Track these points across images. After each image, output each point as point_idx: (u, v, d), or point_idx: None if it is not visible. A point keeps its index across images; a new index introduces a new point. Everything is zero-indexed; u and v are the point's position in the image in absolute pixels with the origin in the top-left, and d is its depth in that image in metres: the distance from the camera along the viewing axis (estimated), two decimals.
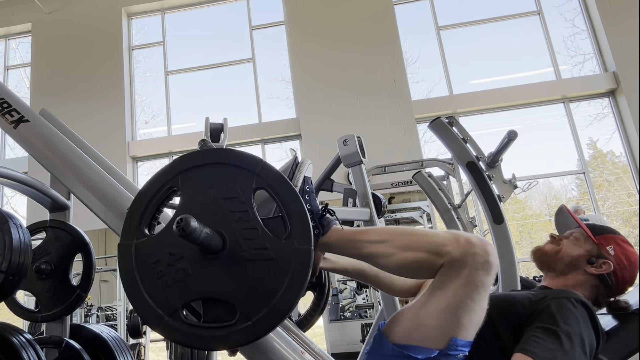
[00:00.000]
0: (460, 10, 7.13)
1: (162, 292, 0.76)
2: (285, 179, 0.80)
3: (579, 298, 1.05)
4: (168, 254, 0.78)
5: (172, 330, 0.75)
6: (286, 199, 0.78)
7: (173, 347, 2.45)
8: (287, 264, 0.75)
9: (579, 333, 0.97)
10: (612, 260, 1.18)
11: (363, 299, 5.38)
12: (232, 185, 0.79)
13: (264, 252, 0.76)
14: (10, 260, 1.07)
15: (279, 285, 0.75)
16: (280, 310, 0.74)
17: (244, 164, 0.80)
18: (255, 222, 0.78)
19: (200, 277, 0.77)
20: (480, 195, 2.15)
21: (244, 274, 0.76)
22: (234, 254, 0.77)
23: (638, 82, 5.90)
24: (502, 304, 1.11)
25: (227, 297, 0.76)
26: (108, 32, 7.25)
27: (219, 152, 0.82)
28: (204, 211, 0.78)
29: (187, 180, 0.81)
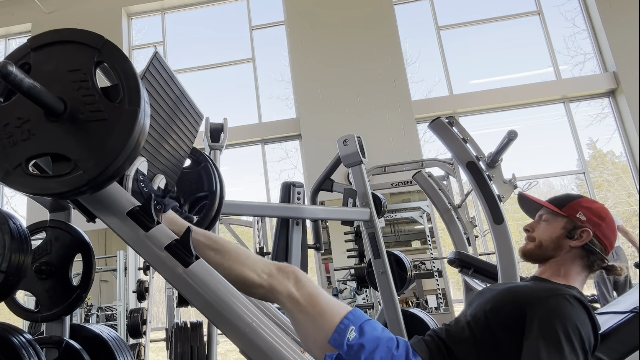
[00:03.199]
0: (460, 10, 7.12)
1: (9, 149, 0.90)
2: (122, 53, 0.92)
3: (574, 295, 1.05)
4: (17, 118, 0.91)
5: (15, 181, 0.88)
6: (122, 70, 0.91)
7: (173, 347, 2.45)
8: (117, 122, 0.89)
9: (578, 333, 0.98)
10: (587, 225, 1.18)
11: (363, 299, 5.38)
12: (76, 60, 0.92)
13: (98, 114, 0.90)
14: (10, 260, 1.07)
15: (108, 139, 0.88)
16: (107, 159, 0.87)
17: (88, 41, 0.92)
18: (93, 90, 0.91)
19: (43, 136, 0.90)
20: (480, 195, 2.15)
21: (81, 133, 0.90)
22: (74, 117, 0.90)
23: (638, 82, 5.90)
24: (497, 304, 1.11)
25: (63, 151, 0.89)
26: (108, 32, 7.25)
27: (66, 31, 0.94)
28: (50, 81, 0.91)
29: (39, 57, 0.93)
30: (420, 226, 6.02)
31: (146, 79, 1.17)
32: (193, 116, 1.51)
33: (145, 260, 1.01)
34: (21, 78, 0.79)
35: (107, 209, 1.02)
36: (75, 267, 1.57)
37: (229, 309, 0.96)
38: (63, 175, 0.88)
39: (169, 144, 1.36)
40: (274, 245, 2.19)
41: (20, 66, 0.93)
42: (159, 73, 1.24)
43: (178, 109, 1.39)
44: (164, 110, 1.29)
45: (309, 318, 1.04)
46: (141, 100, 0.91)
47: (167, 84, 1.30)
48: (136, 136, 0.90)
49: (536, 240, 1.24)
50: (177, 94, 1.37)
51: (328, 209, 2.90)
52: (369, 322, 1.07)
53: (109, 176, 0.91)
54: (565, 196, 1.27)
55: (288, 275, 1.09)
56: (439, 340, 1.14)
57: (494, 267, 2.72)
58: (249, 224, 5.43)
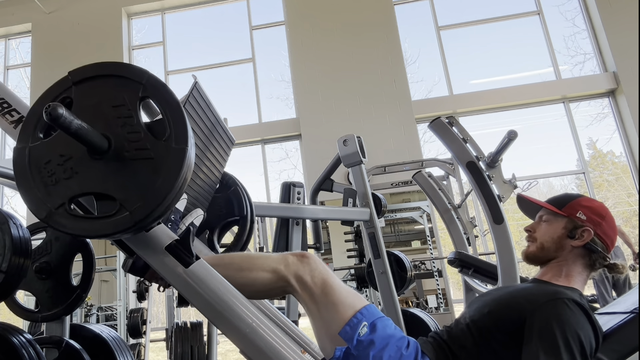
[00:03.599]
0: (460, 10, 7.12)
1: (52, 188, 0.86)
2: (168, 88, 0.89)
3: (574, 298, 1.05)
4: (59, 155, 0.87)
5: (58, 222, 0.84)
6: (168, 105, 0.88)
7: (173, 347, 2.46)
8: (164, 161, 0.85)
9: (578, 339, 0.97)
10: (588, 224, 1.18)
11: None
12: (120, 95, 0.89)
13: (144, 152, 0.86)
14: (10, 260, 1.07)
15: (155, 179, 0.84)
16: (155, 201, 0.83)
17: (131, 75, 0.89)
18: (139, 127, 0.87)
19: (86, 175, 0.86)
20: (480, 195, 2.15)
21: (126, 172, 0.86)
22: (119, 154, 0.87)
23: (638, 82, 5.90)
24: (497, 308, 1.11)
25: (109, 191, 0.85)
26: (108, 32, 7.25)
27: (109, 65, 0.91)
28: (93, 117, 0.87)
29: (80, 91, 0.90)
30: (420, 226, 6.01)
31: (186, 109, 1.13)
32: (226, 141, 1.48)
33: (145, 260, 1.01)
34: (70, 120, 0.76)
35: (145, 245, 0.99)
36: (75, 267, 1.57)
37: (229, 309, 0.96)
38: (108, 217, 0.84)
39: (203, 172, 1.33)
40: (274, 245, 2.19)
41: (61, 100, 0.90)
42: (197, 102, 1.21)
43: (213, 136, 1.36)
44: (201, 139, 1.26)
45: (322, 307, 1.03)
46: (189, 138, 0.86)
47: (204, 113, 1.26)
48: (184, 176, 0.86)
49: (537, 242, 1.23)
50: (212, 121, 1.33)
51: (328, 209, 2.90)
52: (382, 319, 1.07)
53: (156, 217, 0.87)
54: (565, 196, 1.27)
55: (303, 262, 1.08)
56: (442, 342, 1.14)
57: (494, 267, 2.72)
58: None
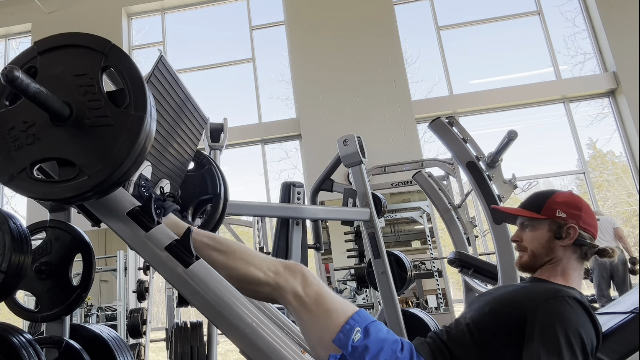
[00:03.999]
0: (460, 10, 7.12)
1: (14, 153, 0.89)
2: (129, 59, 0.92)
3: (574, 296, 1.05)
4: (22, 122, 0.90)
5: (19, 185, 0.88)
6: (128, 75, 0.90)
7: (173, 347, 2.45)
8: (122, 128, 0.88)
9: (579, 336, 0.97)
10: (570, 221, 1.18)
11: (363, 299, 5.38)
12: (82, 64, 0.91)
13: (104, 119, 0.89)
14: (10, 260, 1.07)
15: (114, 145, 0.87)
16: (113, 165, 0.87)
17: (95, 46, 0.92)
18: (100, 95, 0.90)
19: (48, 141, 0.89)
20: (480, 195, 2.16)
21: (86, 138, 0.89)
22: (80, 121, 0.89)
23: (638, 82, 5.90)
24: (497, 307, 1.11)
25: (69, 156, 0.88)
26: (108, 32, 7.25)
27: (73, 35, 0.93)
28: (56, 85, 0.90)
29: (45, 60, 0.92)
30: (420, 226, 6.01)
31: (151, 82, 1.16)
32: (197, 119, 1.50)
33: (145, 260, 1.01)
34: (27, 83, 0.78)
35: (108, 211, 1.02)
36: (75, 267, 1.57)
37: (229, 309, 0.96)
38: (68, 181, 0.87)
39: (174, 148, 1.35)
40: (274, 245, 2.19)
41: (27, 69, 0.92)
42: (164, 76, 1.23)
43: (183, 112, 1.38)
44: (169, 113, 1.29)
45: (315, 317, 1.04)
46: (147, 106, 0.90)
47: (172, 88, 1.29)
48: (142, 142, 0.89)
49: (528, 250, 1.23)
50: (181, 97, 1.36)
51: (328, 209, 2.90)
52: (375, 323, 1.07)
53: (115, 182, 0.90)
54: (537, 197, 1.26)
55: (295, 273, 1.08)
56: (441, 342, 1.14)
57: (494, 267, 2.72)
58: (249, 224, 5.43)
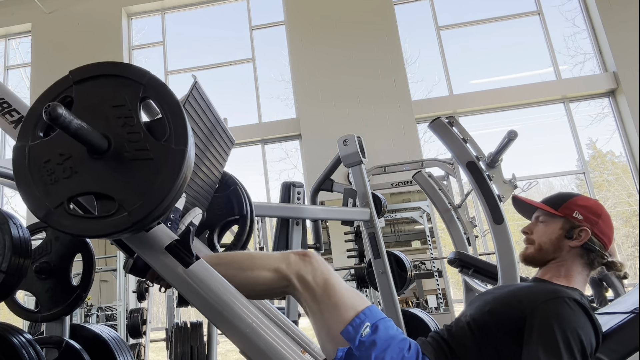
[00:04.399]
0: (460, 10, 7.12)
1: (51, 187, 0.86)
2: (168, 89, 0.89)
3: (574, 297, 1.05)
4: (58, 154, 0.87)
5: (56, 221, 0.84)
6: (168, 106, 0.88)
7: (173, 347, 2.45)
8: (163, 162, 0.85)
9: (578, 338, 0.97)
10: (585, 224, 1.17)
11: None
12: (120, 95, 0.89)
13: (144, 153, 0.86)
14: (10, 260, 1.07)
15: (154, 180, 0.84)
16: (154, 202, 0.84)
17: (132, 76, 0.89)
18: (139, 127, 0.87)
19: (85, 175, 0.86)
20: (480, 195, 2.16)
21: (125, 172, 0.86)
22: (118, 155, 0.87)
23: (638, 82, 5.90)
24: (497, 306, 1.11)
25: (108, 191, 0.85)
26: (108, 32, 7.25)
27: (110, 64, 0.91)
28: (93, 117, 0.87)
29: (81, 90, 0.90)
30: (420, 226, 6.01)
31: (186, 108, 1.13)
32: (225, 141, 1.47)
33: (145, 260, 1.01)
34: (70, 120, 0.76)
35: (144, 244, 0.99)
36: (75, 267, 1.57)
37: (229, 309, 0.96)
38: (106, 217, 0.84)
39: (203, 172, 1.32)
40: (274, 245, 2.19)
41: (62, 99, 0.90)
42: (196, 102, 1.21)
43: (213, 136, 1.35)
44: (200, 139, 1.26)
45: (324, 307, 1.03)
46: (189, 139, 0.86)
47: (204, 112, 1.26)
48: (183, 177, 0.86)
49: (535, 244, 1.23)
50: (212, 121, 1.33)
51: (328, 209, 2.90)
52: (385, 320, 1.07)
53: (155, 217, 0.87)
54: (560, 195, 1.26)
55: (305, 261, 1.08)
56: (442, 342, 1.14)
57: (494, 267, 2.72)
58: None
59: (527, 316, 1.02)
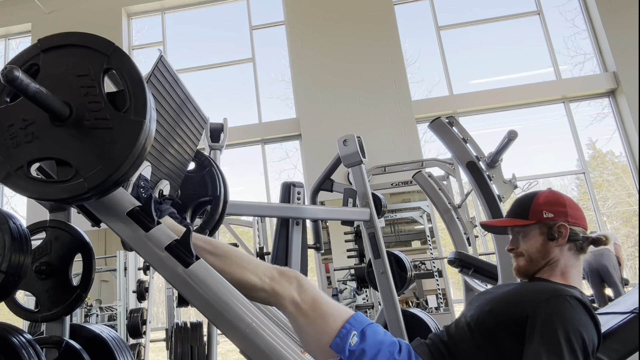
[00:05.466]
0: (460, 10, 7.12)
1: (13, 150, 0.88)
2: (132, 62, 0.91)
3: (575, 295, 1.05)
4: (22, 119, 0.89)
5: (15, 183, 0.87)
6: (130, 78, 0.90)
7: (173, 347, 2.45)
8: (121, 132, 0.88)
9: (580, 336, 0.97)
10: (559, 220, 1.18)
11: (363, 299, 5.38)
12: (85, 65, 0.91)
13: (104, 122, 0.89)
14: (10, 260, 1.07)
15: (111, 149, 0.87)
16: (109, 169, 0.86)
17: (98, 47, 0.92)
18: (100, 97, 0.89)
19: (46, 140, 0.89)
20: (480, 195, 2.16)
21: (84, 140, 0.88)
22: (79, 123, 0.89)
23: (638, 82, 5.90)
24: (498, 306, 1.11)
25: (66, 157, 0.87)
26: (108, 32, 7.24)
27: (77, 34, 0.93)
28: (57, 85, 0.89)
29: (48, 59, 0.92)
30: (420, 226, 6.01)
31: (151, 82, 1.16)
32: (197, 119, 1.50)
33: (145, 260, 1.01)
34: (27, 83, 0.78)
35: (107, 211, 1.02)
36: (75, 267, 1.57)
37: (229, 309, 0.96)
38: (64, 182, 0.87)
39: (173, 148, 1.35)
40: (274, 245, 2.19)
41: (29, 66, 0.92)
42: (164, 77, 1.23)
43: (183, 112, 1.38)
44: (169, 114, 1.28)
45: (311, 322, 1.04)
46: (147, 111, 0.89)
47: (172, 88, 1.28)
48: (140, 146, 0.89)
49: (525, 255, 1.22)
50: (181, 97, 1.35)
51: (328, 209, 2.90)
52: (371, 326, 1.07)
53: (112, 184, 0.90)
54: (521, 203, 1.26)
55: (290, 279, 1.09)
56: (441, 343, 1.14)
57: (494, 267, 2.72)
58: (249, 224, 5.42)
59: (529, 315, 1.02)
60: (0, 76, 0.76)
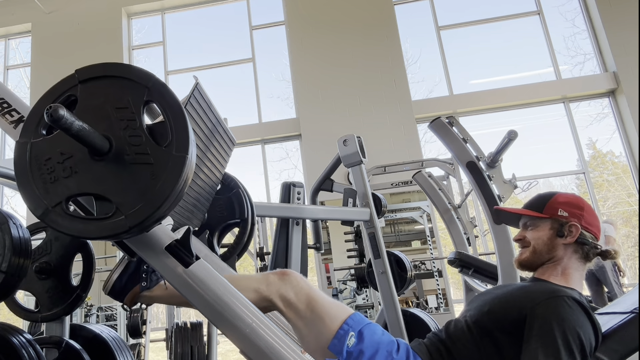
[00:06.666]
0: (460, 10, 7.12)
1: (50, 186, 0.86)
2: (172, 94, 0.89)
3: (573, 296, 1.05)
4: (59, 153, 0.87)
5: (54, 220, 0.84)
6: (171, 111, 0.87)
7: (173, 347, 2.45)
8: (163, 168, 0.85)
9: (577, 337, 0.97)
10: (572, 220, 1.18)
11: (363, 299, 5.38)
12: (124, 97, 0.88)
13: (145, 157, 0.86)
14: (10, 260, 1.07)
15: (153, 185, 0.84)
16: (151, 207, 0.83)
17: (137, 78, 0.88)
18: (141, 131, 0.87)
19: (85, 175, 0.86)
20: (480, 195, 2.16)
21: (125, 175, 0.86)
22: (119, 157, 0.86)
23: (638, 82, 5.90)
24: (496, 306, 1.11)
25: (106, 193, 0.85)
26: (108, 32, 7.25)
27: (116, 66, 0.90)
28: (96, 118, 0.87)
29: (86, 90, 0.89)
30: (420, 226, 6.01)
31: (187, 110, 1.14)
32: (227, 142, 1.47)
33: (145, 260, 1.01)
34: (71, 122, 0.76)
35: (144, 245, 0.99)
36: (75, 267, 1.57)
37: (229, 309, 0.96)
38: (103, 219, 0.84)
39: (204, 173, 1.32)
40: (274, 245, 2.19)
41: (66, 98, 0.90)
42: (198, 103, 1.20)
43: (214, 136, 1.35)
44: (201, 140, 1.26)
45: (308, 323, 1.05)
46: (190, 147, 0.86)
47: (205, 114, 1.26)
48: (182, 183, 0.85)
49: (530, 246, 1.23)
50: (213, 122, 1.32)
51: (328, 209, 2.90)
52: (369, 325, 1.07)
53: (152, 223, 0.87)
54: (540, 197, 1.27)
55: (284, 280, 1.09)
56: (439, 343, 1.14)
57: (494, 267, 2.72)
58: None
59: (527, 315, 1.02)
60: (45, 116, 0.74)
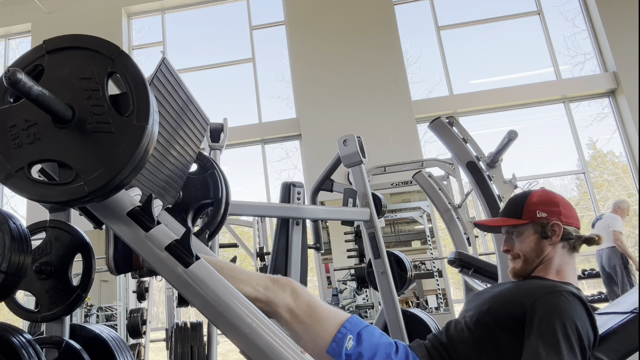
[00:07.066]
0: (460, 10, 7.12)
1: (14, 151, 0.89)
2: (137, 66, 0.91)
3: (571, 290, 1.06)
4: (24, 120, 0.89)
5: (15, 184, 0.88)
6: (134, 82, 0.90)
7: (173, 347, 2.45)
8: (123, 137, 0.88)
9: (576, 330, 0.98)
10: (552, 219, 1.18)
11: (363, 299, 5.38)
12: (89, 68, 0.91)
13: (106, 126, 0.89)
14: (10, 260, 1.07)
15: (113, 153, 0.87)
16: (110, 173, 0.87)
17: (103, 50, 0.91)
18: (103, 101, 0.89)
19: (48, 142, 0.89)
20: (480, 195, 2.16)
21: (86, 143, 0.89)
22: (82, 126, 0.89)
23: (638, 82, 5.90)
24: (496, 304, 1.12)
25: (67, 160, 0.88)
26: (108, 32, 7.24)
27: (83, 37, 0.93)
28: (61, 87, 0.90)
29: (53, 60, 0.92)
30: (420, 226, 6.01)
31: (154, 85, 1.15)
32: (199, 121, 1.49)
33: (145, 260, 1.01)
34: (30, 86, 0.78)
35: (108, 212, 1.01)
36: (75, 267, 1.57)
37: (229, 309, 0.96)
38: (64, 185, 0.87)
39: (176, 150, 1.34)
40: (274, 245, 2.19)
41: (34, 67, 0.92)
42: (166, 79, 1.22)
43: (185, 114, 1.37)
44: (171, 116, 1.28)
45: (307, 328, 1.05)
46: (150, 116, 0.89)
47: (175, 90, 1.28)
48: (141, 152, 0.89)
49: (521, 256, 1.23)
50: (184, 100, 1.35)
51: (328, 209, 2.90)
52: (367, 328, 1.07)
53: (111, 189, 0.89)
54: (514, 202, 1.27)
55: (284, 287, 1.10)
56: (439, 344, 1.14)
57: (494, 267, 2.72)
58: (249, 224, 5.43)
59: (527, 311, 1.03)
60: (3, 79, 0.76)
